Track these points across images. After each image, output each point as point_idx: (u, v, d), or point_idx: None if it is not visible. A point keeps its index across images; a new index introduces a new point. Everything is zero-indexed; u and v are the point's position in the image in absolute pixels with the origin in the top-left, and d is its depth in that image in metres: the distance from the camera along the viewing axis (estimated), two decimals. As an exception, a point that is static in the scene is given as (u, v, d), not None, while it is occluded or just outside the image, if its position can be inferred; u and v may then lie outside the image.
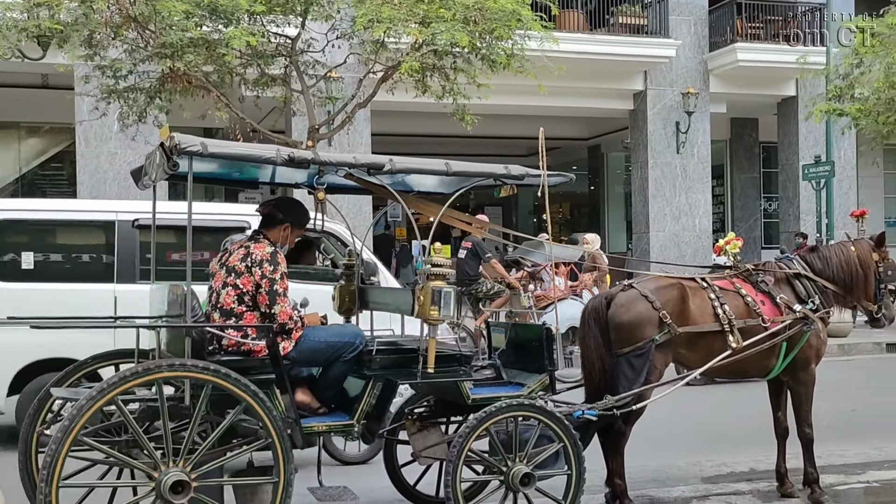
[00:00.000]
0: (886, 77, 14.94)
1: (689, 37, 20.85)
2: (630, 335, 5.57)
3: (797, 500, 5.92)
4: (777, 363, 5.91)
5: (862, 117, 16.18)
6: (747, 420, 8.31)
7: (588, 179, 27.03)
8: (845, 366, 13.14)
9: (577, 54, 18.20)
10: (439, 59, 12.21)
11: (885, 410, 9.44)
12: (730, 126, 24.29)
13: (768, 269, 6.19)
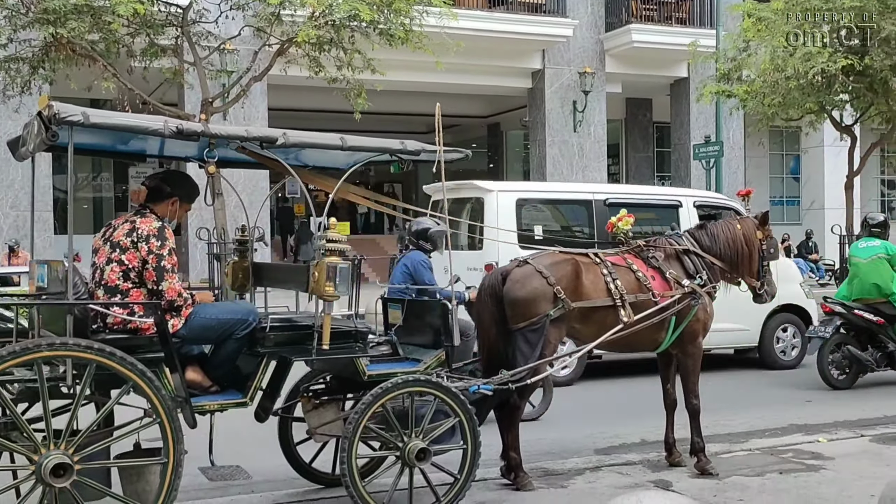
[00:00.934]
0: (771, 60, 15.47)
1: (585, 17, 21.14)
2: (525, 310, 5.62)
3: (684, 468, 6.08)
4: (666, 336, 6.05)
5: (749, 99, 16.73)
6: (636, 392, 8.54)
7: (487, 157, 27.23)
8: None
9: (475, 31, 18.25)
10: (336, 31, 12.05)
11: (766, 381, 9.85)
12: (625, 106, 24.80)
13: (659, 245, 6.31)
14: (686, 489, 5.60)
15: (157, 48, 12.27)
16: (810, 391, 9.20)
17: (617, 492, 4.61)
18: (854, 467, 6.08)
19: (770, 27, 15.87)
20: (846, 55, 15.14)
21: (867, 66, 15.23)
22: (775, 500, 5.37)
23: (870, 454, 6.46)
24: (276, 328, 4.86)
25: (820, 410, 8.27)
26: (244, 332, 4.75)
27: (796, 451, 6.57)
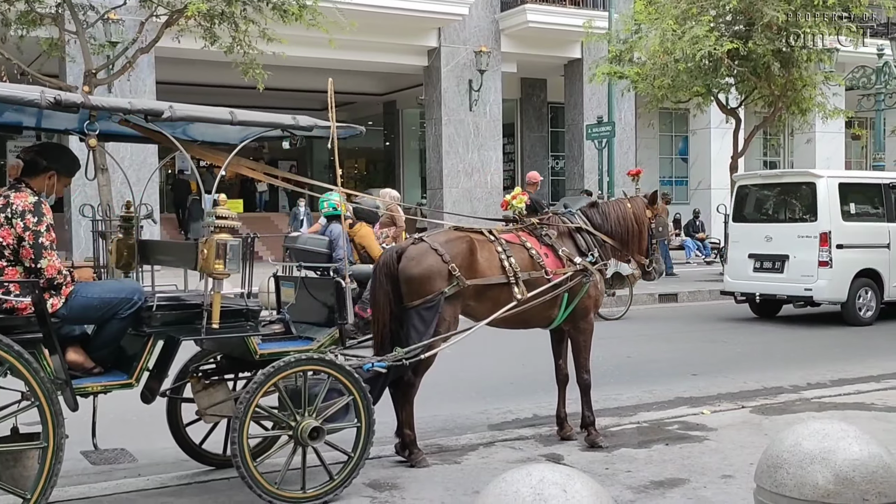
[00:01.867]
0: (661, 43, 15.83)
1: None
2: (420, 288, 5.61)
3: (576, 441, 6.21)
4: (559, 313, 6.15)
5: (639, 80, 17.10)
6: (530, 368, 8.66)
7: (383, 135, 27.12)
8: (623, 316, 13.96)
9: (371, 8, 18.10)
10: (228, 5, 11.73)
11: (656, 356, 10.12)
12: (520, 86, 25.02)
13: (552, 223, 6.40)
14: (576, 462, 5.72)
15: (36, 15, 11.70)
16: (696, 365, 9.49)
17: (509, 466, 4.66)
18: (735, 437, 6.30)
19: (660, 10, 16.24)
20: (732, 39, 15.62)
21: (751, 51, 15.75)
22: (661, 471, 5.53)
23: (750, 425, 6.71)
24: (163, 307, 4.72)
25: (705, 383, 8.55)
26: (129, 311, 4.59)
27: (682, 423, 6.77)
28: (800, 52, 16.46)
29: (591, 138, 20.41)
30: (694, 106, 19.49)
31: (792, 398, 7.68)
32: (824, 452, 3.54)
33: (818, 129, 24.94)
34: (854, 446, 3.54)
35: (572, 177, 23.36)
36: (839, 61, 19.55)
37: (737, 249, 13.63)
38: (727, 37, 15.74)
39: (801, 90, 17.14)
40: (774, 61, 15.93)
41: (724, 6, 15.59)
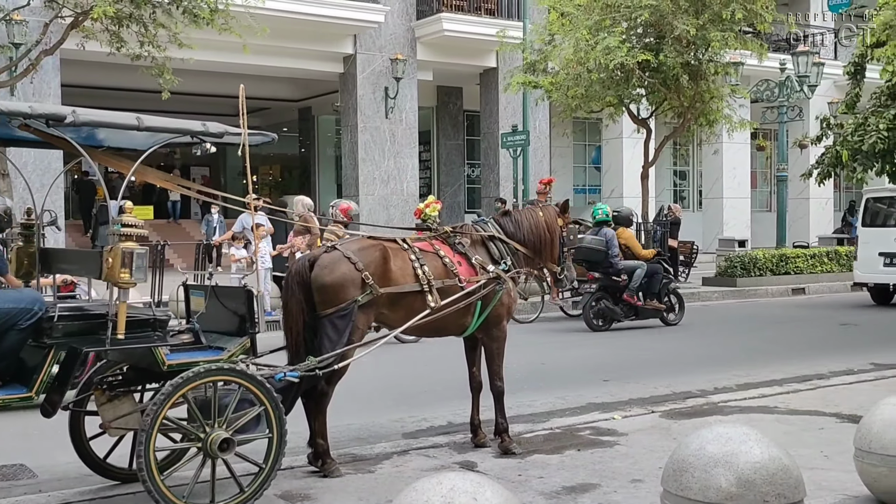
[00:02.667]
0: (574, 53, 16.09)
1: (397, 3, 21.22)
2: (333, 296, 5.58)
3: (489, 448, 6.24)
4: (472, 321, 6.18)
5: (553, 90, 17.35)
6: (445, 376, 8.68)
7: (299, 142, 26.89)
8: (536, 323, 14.11)
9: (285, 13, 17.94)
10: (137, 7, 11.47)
11: (569, 363, 10.26)
12: (436, 94, 25.11)
13: (465, 231, 6.43)
14: (490, 469, 5.75)
15: (-68, 14, 11.28)
16: (608, 371, 9.64)
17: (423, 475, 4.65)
18: (645, 442, 6.42)
19: (573, 21, 16.51)
20: (643, 51, 15.97)
21: (661, 63, 16.13)
22: (573, 476, 5.60)
23: (659, 429, 6.85)
24: (66, 317, 4.58)
25: (617, 389, 8.69)
26: (28, 322, 4.44)
27: (594, 429, 6.87)
28: (707, 66, 16.94)
29: (506, 147, 20.59)
30: (606, 116, 19.84)
31: (700, 402, 7.86)
32: (727, 456, 3.64)
33: (725, 140, 25.62)
34: (755, 449, 3.65)
35: (488, 185, 23.53)
36: (745, 75, 20.19)
37: (867, 249, 16.55)
38: (638, 48, 16.08)
39: (709, 102, 17.61)
40: (683, 74, 16.34)
41: (635, 18, 15.93)
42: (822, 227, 28.69)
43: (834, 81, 27.64)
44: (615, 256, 12.84)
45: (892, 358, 10.26)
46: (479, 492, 3.03)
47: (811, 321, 14.29)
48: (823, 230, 28.20)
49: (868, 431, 4.59)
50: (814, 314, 15.17)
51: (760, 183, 31.71)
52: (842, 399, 7.78)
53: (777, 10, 16.92)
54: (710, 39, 15.84)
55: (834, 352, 10.92)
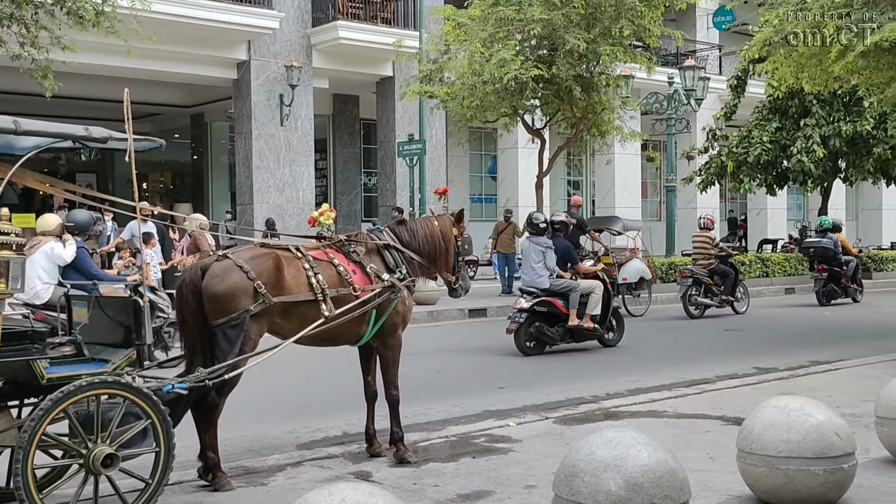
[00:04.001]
0: (470, 64, 16.24)
1: (292, 10, 21.03)
2: (225, 306, 5.46)
3: (385, 458, 6.21)
4: (367, 330, 6.15)
5: (449, 100, 17.46)
6: (340, 386, 8.61)
7: (191, 148, 26.32)
8: (433, 331, 14.16)
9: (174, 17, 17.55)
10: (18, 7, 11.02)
11: (465, 371, 10.31)
12: (332, 101, 24.97)
13: (360, 240, 6.40)
14: (385, 478, 5.72)
15: None
16: (503, 378, 9.73)
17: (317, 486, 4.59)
18: (539, 448, 6.50)
19: (469, 33, 16.67)
20: (536, 64, 16.23)
21: (554, 75, 16.42)
22: (467, 484, 5.61)
23: (553, 435, 6.94)
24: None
25: (511, 396, 8.77)
26: None
27: (489, 436, 6.92)
28: (599, 78, 17.33)
29: (403, 156, 20.61)
30: (501, 126, 20.09)
31: (592, 408, 8.01)
32: (616, 460, 3.71)
33: (617, 150, 26.29)
34: (643, 453, 3.73)
35: (385, 193, 23.51)
36: (635, 87, 20.77)
37: None
38: (532, 61, 16.34)
39: (601, 113, 18.02)
40: (576, 86, 16.67)
41: (528, 32, 16.18)
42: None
43: (719, 95, 28.70)
44: (837, 255, 17.94)
45: (774, 362, 10.68)
46: (371, 502, 3.01)
47: (698, 327, 14.75)
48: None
49: (749, 433, 4.74)
50: (701, 320, 15.66)
51: (651, 193, 32.63)
52: (727, 402, 8.04)
53: (665, 26, 17.44)
54: (600, 53, 16.22)
55: (720, 357, 11.28)
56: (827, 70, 11.91)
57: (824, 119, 21.19)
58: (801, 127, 21.36)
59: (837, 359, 10.71)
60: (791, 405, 4.73)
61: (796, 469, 4.53)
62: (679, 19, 27.46)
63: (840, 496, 4.72)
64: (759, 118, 22.65)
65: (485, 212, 28.31)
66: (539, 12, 15.70)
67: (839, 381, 9.10)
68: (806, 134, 21.09)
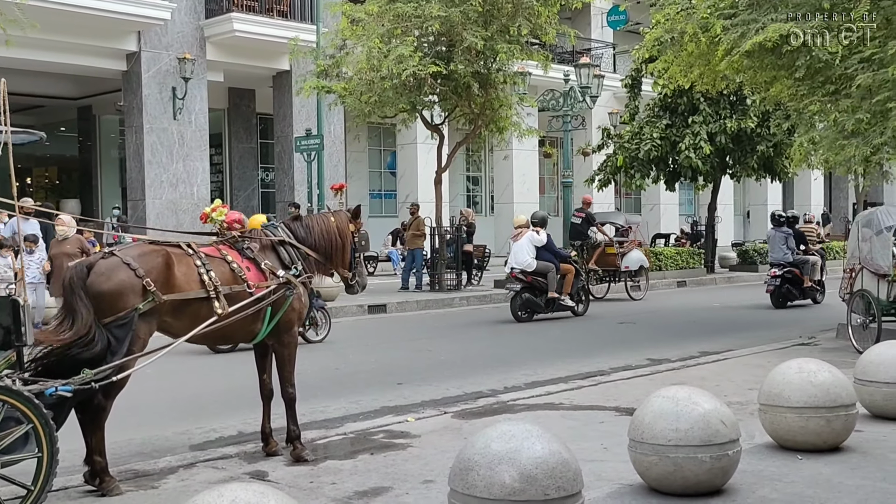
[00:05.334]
0: (367, 60, 16.16)
1: (184, 1, 20.52)
2: (112, 304, 5.29)
3: (282, 457, 6.12)
4: (262, 327, 6.04)
5: (347, 95, 17.34)
6: (236, 385, 8.46)
7: (78, 142, 25.42)
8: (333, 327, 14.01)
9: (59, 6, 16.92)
10: None
11: (363, 367, 10.26)
12: (228, 95, 24.51)
13: (254, 236, 6.28)
14: (282, 478, 5.64)
15: None
16: (402, 374, 9.72)
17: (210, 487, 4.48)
18: (437, 442, 6.51)
19: (366, 28, 16.58)
20: (435, 61, 16.26)
21: (452, 72, 16.49)
22: (365, 480, 5.58)
23: (451, 429, 6.96)
24: None
25: (410, 392, 8.77)
26: None
27: (387, 432, 6.89)
28: (496, 75, 17.48)
29: (300, 151, 20.37)
30: (400, 122, 20.06)
31: (490, 402, 8.06)
32: (510, 453, 3.74)
33: (515, 146, 26.58)
34: (537, 445, 3.77)
35: (282, 189, 23.20)
36: (532, 85, 21.03)
37: None
38: (430, 57, 16.37)
39: (499, 110, 18.17)
40: (474, 82, 16.77)
41: (426, 28, 16.20)
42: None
43: (613, 93, 29.36)
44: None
45: (666, 353, 10.98)
46: (263, 502, 2.95)
47: (594, 320, 15.04)
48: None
49: (640, 423, 4.85)
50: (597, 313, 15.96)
51: (548, 188, 33.14)
52: (620, 393, 8.22)
53: (560, 24, 17.71)
54: (497, 50, 16.36)
55: (614, 349, 11.53)
56: (714, 69, 12.28)
57: (711, 117, 21.87)
58: (689, 124, 21.99)
59: (726, 349, 11.09)
60: (679, 395, 4.86)
61: (684, 457, 4.66)
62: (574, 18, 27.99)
63: (725, 482, 4.88)
64: (649, 115, 23.23)
65: (384, 208, 28.25)
66: (437, 9, 15.74)
67: (727, 371, 9.42)
68: (694, 131, 21.73)
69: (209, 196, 21.09)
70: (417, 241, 18.89)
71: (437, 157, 18.99)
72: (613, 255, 18.25)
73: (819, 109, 11.46)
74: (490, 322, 14.72)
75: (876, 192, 39.50)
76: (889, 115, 9.91)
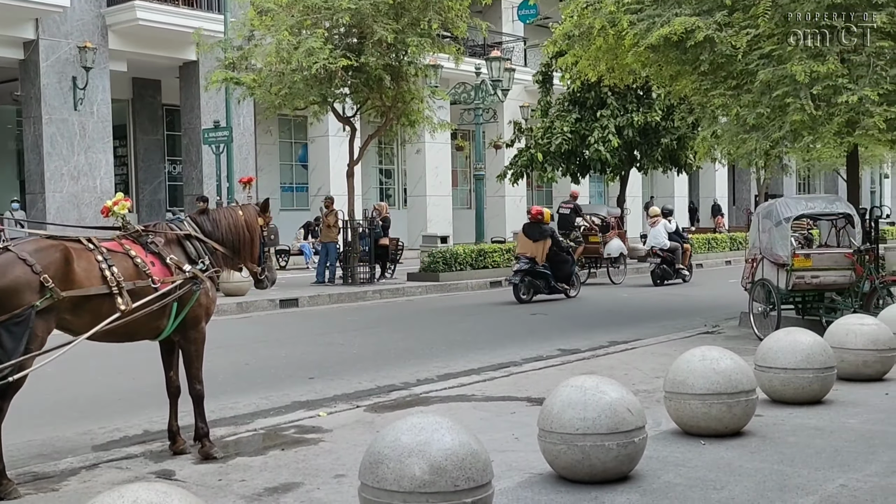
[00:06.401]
0: (277, 52, 15.94)
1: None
2: (6, 302, 5.08)
3: (189, 455, 6.00)
4: (168, 323, 5.91)
5: (256, 87, 17.07)
6: (141, 383, 8.26)
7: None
8: (243, 322, 13.85)
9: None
10: None
11: (274, 362, 10.13)
12: (132, 86, 23.89)
13: (159, 230, 6.14)
14: (189, 476, 5.52)
15: None
16: (314, 368, 9.64)
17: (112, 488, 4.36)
18: (349, 437, 6.47)
19: (275, 19, 16.35)
20: (345, 53, 16.14)
21: (363, 64, 16.39)
22: (275, 477, 5.51)
23: (363, 423, 6.93)
24: None
25: (322, 386, 8.69)
26: None
27: (298, 427, 6.82)
28: (408, 68, 17.45)
29: (208, 143, 19.97)
30: (311, 114, 19.86)
31: (403, 395, 8.06)
32: (420, 445, 3.74)
33: (427, 140, 26.60)
34: (447, 437, 3.77)
35: (191, 182, 22.73)
36: (444, 78, 21.06)
37: None
38: (341, 49, 16.23)
39: (410, 103, 18.15)
40: (385, 75, 16.71)
41: (337, 20, 16.06)
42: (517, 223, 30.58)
43: (525, 87, 29.64)
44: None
45: (576, 343, 11.16)
46: (166, 502, 2.88)
47: (507, 312, 15.18)
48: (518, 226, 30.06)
49: (549, 412, 4.91)
50: (509, 305, 16.13)
51: (461, 181, 33.30)
52: (531, 384, 8.32)
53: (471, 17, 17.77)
54: (408, 43, 16.33)
55: (526, 340, 11.66)
56: (621, 63, 12.51)
57: (619, 110, 22.29)
58: (598, 118, 22.37)
59: (634, 338, 11.33)
60: (587, 384, 4.94)
61: (592, 445, 4.74)
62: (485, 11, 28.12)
63: (632, 468, 4.97)
64: (560, 110, 23.55)
65: (296, 201, 27.96)
66: (347, 2, 15.62)
67: (635, 360, 9.62)
68: (602, 124, 22.12)
69: (113, 189, 20.53)
70: (331, 235, 18.76)
71: (349, 149, 18.88)
72: (597, 244, 20.55)
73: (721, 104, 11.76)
74: (403, 315, 14.71)
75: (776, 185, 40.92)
76: (787, 109, 10.26)
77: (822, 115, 10.30)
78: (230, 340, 11.27)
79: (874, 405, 6.76)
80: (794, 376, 6.65)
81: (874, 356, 7.51)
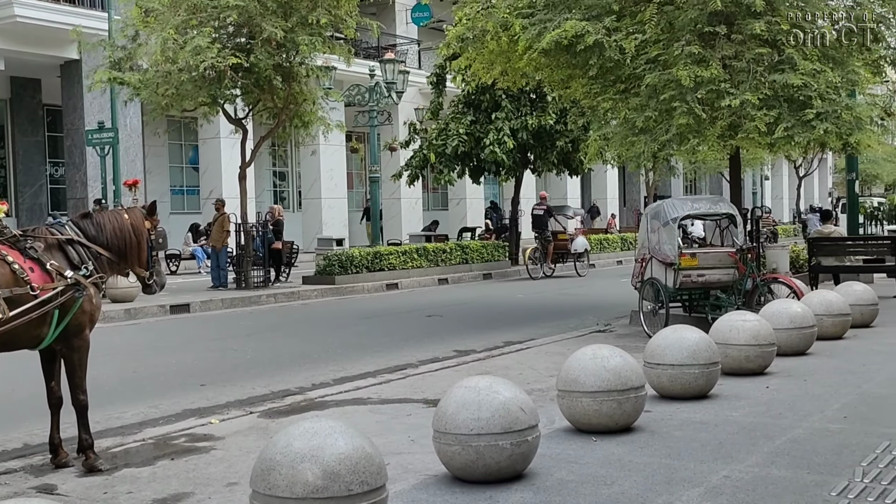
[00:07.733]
0: (163, 52, 15.53)
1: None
2: None
3: (73, 468, 5.78)
4: (49, 331, 5.69)
5: (142, 88, 16.59)
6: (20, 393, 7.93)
7: None
8: (132, 329, 13.45)
9: None
10: None
11: (163, 369, 9.86)
12: (10, 85, 22.94)
13: (38, 235, 5.90)
14: (72, 490, 5.33)
15: None
16: (205, 375, 9.41)
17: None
18: (242, 444, 6.35)
19: (160, 18, 15.93)
20: (234, 52, 15.84)
21: (253, 64, 16.13)
22: (164, 487, 5.36)
23: (257, 429, 6.82)
24: None
25: (214, 393, 8.51)
26: None
27: (189, 436, 6.66)
28: (299, 68, 17.24)
29: (93, 145, 19.29)
30: (201, 115, 19.42)
31: (298, 400, 7.96)
32: (313, 450, 3.68)
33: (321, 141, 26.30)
34: (340, 441, 3.73)
35: (74, 185, 21.94)
36: (338, 79, 20.92)
37: None
38: (230, 49, 15.93)
39: (303, 104, 17.93)
40: (276, 75, 16.48)
41: (224, 19, 15.75)
42: (413, 225, 30.67)
43: (419, 89, 29.69)
44: None
45: (471, 344, 11.23)
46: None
47: (402, 314, 15.17)
48: (414, 228, 30.15)
49: (444, 414, 4.92)
50: (405, 307, 16.12)
51: (356, 184, 33.13)
52: (428, 386, 8.33)
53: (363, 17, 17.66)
54: (299, 43, 16.14)
55: (422, 342, 11.66)
56: (515, 66, 12.66)
57: (513, 113, 22.56)
58: (492, 120, 22.58)
59: (528, 338, 11.47)
60: (481, 384, 4.96)
61: (486, 445, 4.76)
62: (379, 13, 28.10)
63: (526, 467, 5.02)
64: (455, 111, 23.68)
65: (187, 204, 27.32)
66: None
67: (529, 360, 9.74)
68: (497, 127, 22.34)
69: (-8, 192, 19.67)
70: (222, 238, 18.39)
71: (241, 151, 18.53)
72: (565, 241, 23.09)
73: (611, 107, 12.04)
74: (298, 319, 14.54)
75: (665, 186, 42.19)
76: (673, 113, 10.57)
77: (706, 118, 10.66)
78: (117, 348, 10.91)
79: (755, 398, 7.02)
80: (681, 372, 6.84)
81: (755, 351, 7.79)
